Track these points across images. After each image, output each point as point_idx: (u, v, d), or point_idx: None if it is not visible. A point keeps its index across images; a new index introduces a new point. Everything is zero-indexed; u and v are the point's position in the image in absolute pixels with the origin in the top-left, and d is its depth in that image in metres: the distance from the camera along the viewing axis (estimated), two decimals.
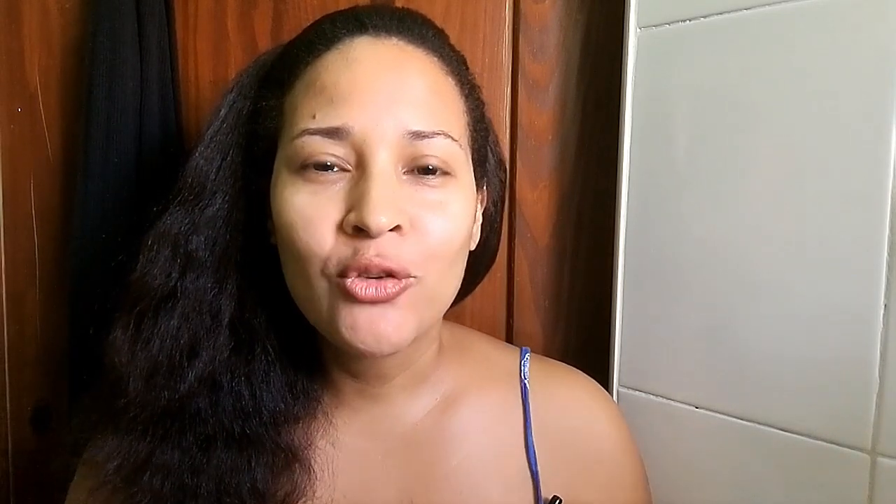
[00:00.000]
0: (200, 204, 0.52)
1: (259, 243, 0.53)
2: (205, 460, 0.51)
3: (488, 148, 0.58)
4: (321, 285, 0.47)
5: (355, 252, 0.45)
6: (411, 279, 0.47)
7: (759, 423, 0.57)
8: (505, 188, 0.64)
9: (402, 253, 0.46)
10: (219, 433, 0.51)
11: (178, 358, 0.51)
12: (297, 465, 0.53)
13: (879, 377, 0.51)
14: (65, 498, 0.58)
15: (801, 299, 0.55)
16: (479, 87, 0.56)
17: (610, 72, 0.70)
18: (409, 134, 0.47)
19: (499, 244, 0.65)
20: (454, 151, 0.49)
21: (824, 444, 0.54)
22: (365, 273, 0.45)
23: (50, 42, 0.81)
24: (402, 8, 0.54)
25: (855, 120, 0.51)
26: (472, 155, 0.53)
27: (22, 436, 0.86)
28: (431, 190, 0.48)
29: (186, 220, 0.52)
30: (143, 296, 0.51)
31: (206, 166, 0.52)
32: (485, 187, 0.58)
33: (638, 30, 0.64)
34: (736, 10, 0.57)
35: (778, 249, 0.56)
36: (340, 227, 0.46)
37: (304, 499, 0.53)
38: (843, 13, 0.52)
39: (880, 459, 0.51)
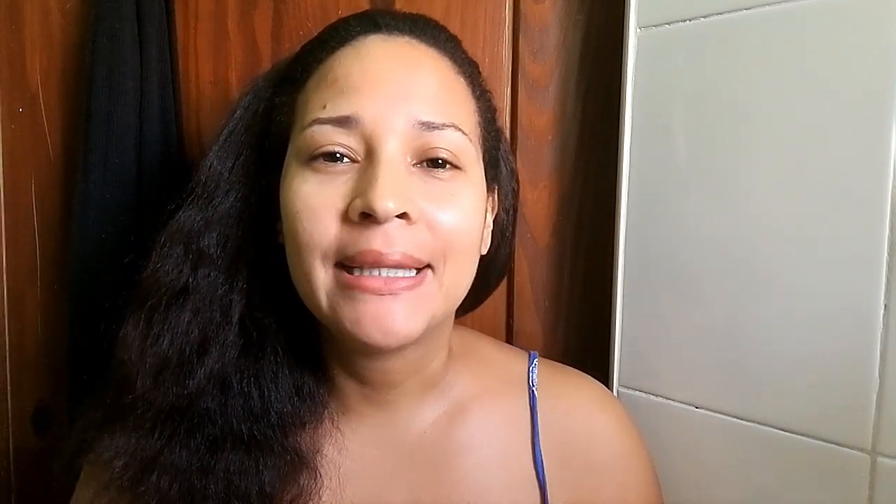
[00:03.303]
0: (213, 202, 0.52)
1: (269, 242, 0.53)
2: (213, 461, 0.50)
3: (500, 154, 0.58)
4: (322, 276, 0.47)
5: (362, 243, 0.45)
6: (427, 270, 0.47)
7: (759, 423, 0.57)
8: (517, 198, 0.63)
9: (411, 242, 0.45)
10: (227, 434, 0.51)
11: (187, 354, 0.50)
12: (304, 469, 0.52)
13: (879, 377, 0.51)
14: (66, 499, 0.58)
15: (801, 299, 0.55)
16: (490, 93, 0.56)
17: (610, 72, 0.70)
18: (420, 124, 0.47)
19: (510, 254, 0.65)
20: (464, 145, 0.49)
21: (824, 444, 0.54)
22: (374, 266, 0.45)
23: (50, 42, 0.81)
24: (415, 13, 0.54)
25: (855, 120, 0.51)
26: (484, 155, 0.53)
27: (22, 436, 0.86)
28: (440, 183, 0.48)
29: (199, 218, 0.52)
30: (154, 292, 0.51)
31: (220, 165, 0.53)
32: (496, 193, 0.58)
33: (638, 30, 0.64)
34: (736, 10, 0.57)
35: (777, 249, 0.56)
36: (346, 216, 0.45)
37: (310, 500, 0.52)
38: (843, 13, 0.52)
39: (880, 459, 0.51)
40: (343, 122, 0.46)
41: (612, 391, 0.67)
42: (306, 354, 0.54)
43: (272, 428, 0.52)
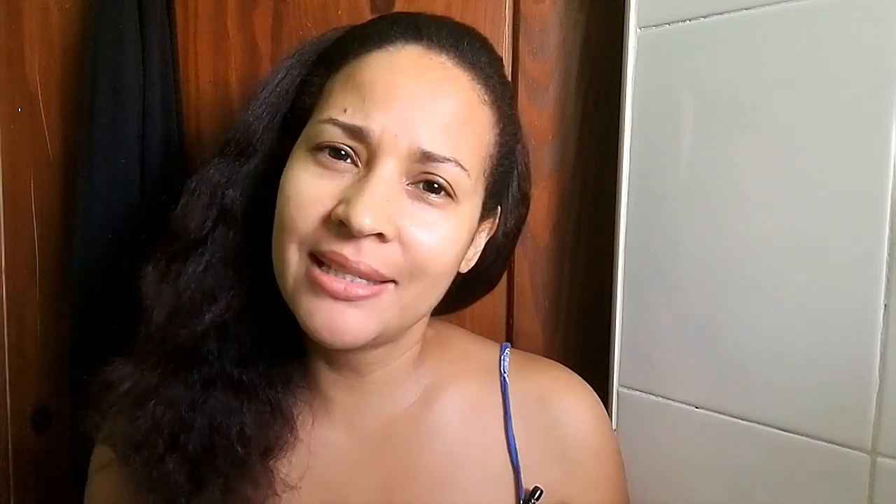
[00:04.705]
0: (241, 160, 0.55)
1: None
2: (203, 399, 0.54)
3: (511, 181, 0.59)
4: (295, 259, 0.49)
5: (334, 245, 0.47)
6: (389, 284, 0.49)
7: (759, 423, 0.57)
8: (524, 222, 0.64)
9: (380, 258, 0.47)
10: (220, 375, 0.54)
11: (199, 301, 0.54)
12: (282, 422, 0.55)
13: (879, 377, 0.51)
14: (65, 498, 0.59)
15: (801, 299, 0.55)
16: (519, 122, 0.57)
17: (610, 72, 0.70)
18: (421, 153, 0.48)
19: (502, 273, 0.66)
20: (461, 180, 0.50)
21: (824, 444, 0.54)
22: (339, 268, 0.47)
23: (50, 42, 0.81)
24: (463, 25, 0.55)
25: (855, 120, 0.51)
26: (487, 186, 0.54)
27: (22, 436, 0.86)
28: (429, 208, 0.49)
29: (225, 174, 0.55)
30: (178, 237, 0.54)
31: (256, 124, 0.55)
32: (496, 218, 0.59)
33: (638, 30, 0.64)
34: (736, 10, 0.57)
35: (778, 249, 0.56)
36: (329, 217, 0.47)
37: (282, 454, 0.55)
38: (843, 13, 0.52)
39: (880, 459, 0.51)
40: (356, 132, 0.48)
41: (612, 391, 0.67)
42: (293, 328, 0.56)
43: (259, 376, 0.55)
